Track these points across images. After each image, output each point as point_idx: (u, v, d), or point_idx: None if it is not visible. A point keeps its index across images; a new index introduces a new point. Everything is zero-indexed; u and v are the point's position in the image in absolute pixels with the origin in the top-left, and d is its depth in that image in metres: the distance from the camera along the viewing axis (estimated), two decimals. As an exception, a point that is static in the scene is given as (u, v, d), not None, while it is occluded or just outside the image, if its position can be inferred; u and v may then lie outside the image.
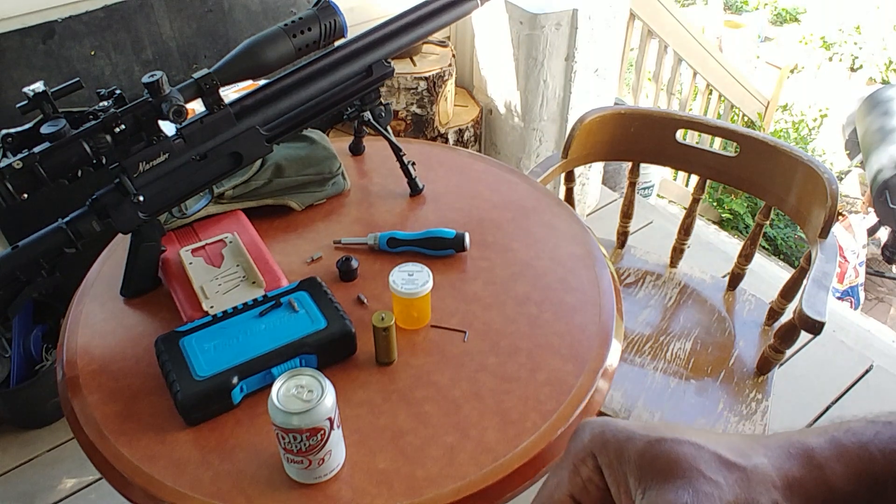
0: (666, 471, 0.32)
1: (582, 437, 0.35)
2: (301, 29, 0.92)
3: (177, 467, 0.77)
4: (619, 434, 0.34)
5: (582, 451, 0.35)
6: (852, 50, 6.13)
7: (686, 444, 0.32)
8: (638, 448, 0.33)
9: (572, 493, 0.35)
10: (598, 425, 0.35)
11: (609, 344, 0.92)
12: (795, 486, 0.33)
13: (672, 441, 0.33)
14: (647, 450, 0.33)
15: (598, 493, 0.34)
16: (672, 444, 0.32)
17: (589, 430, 0.35)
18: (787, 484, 0.33)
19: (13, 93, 1.62)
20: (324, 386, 0.70)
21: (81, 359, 0.91)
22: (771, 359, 1.24)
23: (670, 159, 1.44)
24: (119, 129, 0.84)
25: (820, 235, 1.19)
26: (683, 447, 0.32)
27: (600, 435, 0.34)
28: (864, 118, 4.25)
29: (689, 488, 0.31)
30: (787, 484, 0.33)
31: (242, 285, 0.97)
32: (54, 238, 0.88)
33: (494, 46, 2.19)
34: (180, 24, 1.79)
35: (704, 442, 0.33)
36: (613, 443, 0.34)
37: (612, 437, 0.34)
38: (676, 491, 0.31)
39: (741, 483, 0.32)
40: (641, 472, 0.32)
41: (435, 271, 0.95)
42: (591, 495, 0.35)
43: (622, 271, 1.50)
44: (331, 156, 1.17)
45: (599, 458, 0.34)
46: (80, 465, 1.69)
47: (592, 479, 0.34)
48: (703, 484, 0.31)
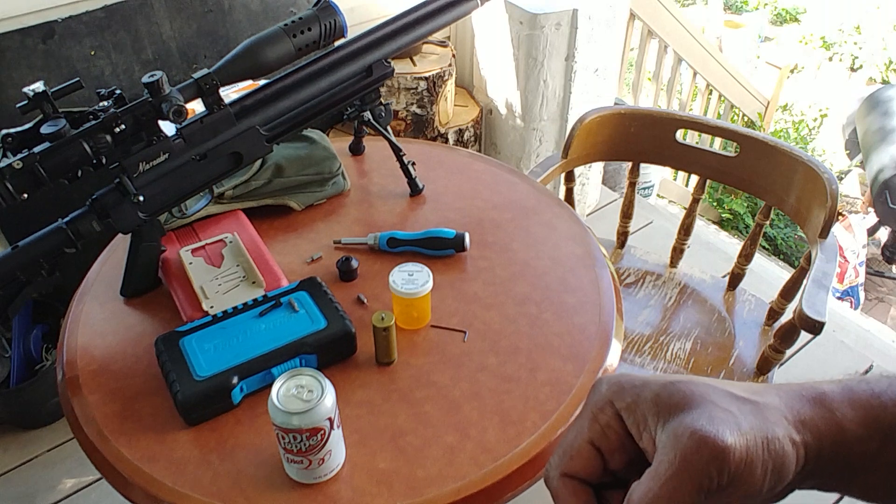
0: (682, 404, 0.33)
1: (599, 389, 0.37)
2: (301, 29, 0.92)
3: (177, 467, 0.77)
4: (634, 381, 0.36)
5: (601, 401, 0.36)
6: (852, 50, 6.13)
7: (698, 384, 0.35)
8: (654, 389, 0.35)
9: (592, 439, 0.36)
10: (614, 377, 0.37)
11: (609, 344, 0.92)
12: (808, 423, 0.34)
13: (685, 382, 0.35)
14: (662, 390, 0.34)
15: (617, 438, 0.36)
16: (685, 384, 0.34)
17: (606, 382, 0.37)
18: (798, 420, 0.34)
19: (13, 93, 1.62)
20: (324, 386, 0.70)
21: (81, 359, 0.91)
22: (771, 359, 1.24)
23: (670, 159, 1.44)
24: (119, 129, 0.84)
25: (820, 235, 1.19)
26: (696, 385, 0.34)
27: (617, 384, 0.36)
28: (864, 118, 4.25)
29: (706, 413, 0.32)
30: (798, 420, 0.34)
31: (242, 285, 0.97)
32: (54, 238, 0.88)
33: (494, 46, 2.19)
34: (180, 24, 1.79)
35: (716, 384, 0.35)
36: (630, 389, 0.36)
37: (628, 384, 0.36)
38: (692, 416, 0.32)
39: (755, 413, 0.33)
40: (659, 408, 0.34)
41: (435, 271, 0.95)
42: (609, 440, 0.36)
43: (622, 271, 1.50)
44: (331, 156, 1.17)
45: (617, 403, 0.36)
46: (80, 465, 1.69)
47: (611, 425, 0.36)
48: (718, 411, 0.33)
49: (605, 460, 0.36)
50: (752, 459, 0.31)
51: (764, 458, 0.31)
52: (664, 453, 0.32)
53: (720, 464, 0.30)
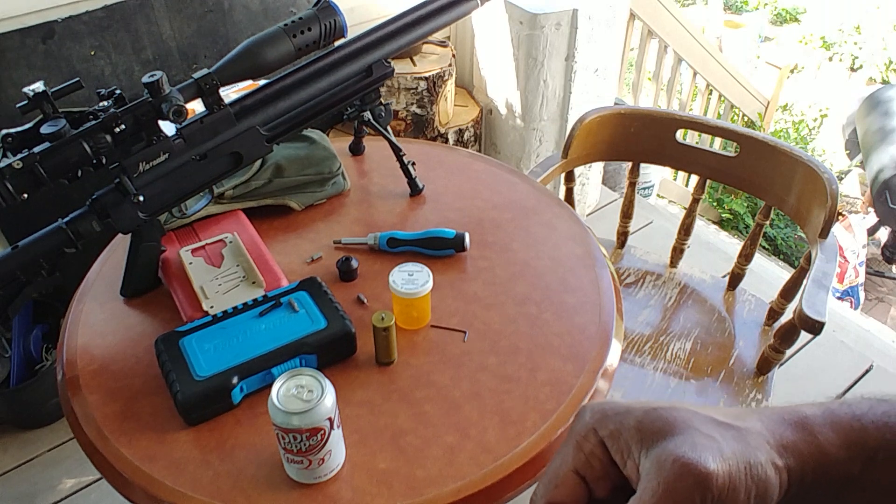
0: (664, 430, 0.33)
1: (583, 417, 0.37)
2: (301, 29, 0.92)
3: (177, 467, 0.77)
4: (617, 408, 0.36)
5: (584, 428, 0.36)
6: (852, 50, 6.13)
7: (680, 410, 0.35)
8: (637, 416, 0.35)
9: (576, 468, 0.36)
10: (597, 405, 0.37)
11: (609, 344, 0.92)
12: (790, 448, 0.34)
13: (667, 408, 0.35)
14: (644, 417, 0.34)
15: (601, 466, 0.36)
16: (667, 410, 0.34)
17: (589, 410, 0.37)
18: (781, 444, 0.34)
19: (13, 93, 1.62)
20: (324, 386, 0.70)
21: (81, 359, 0.91)
22: (771, 359, 1.24)
23: (670, 159, 1.44)
24: (119, 129, 0.84)
25: (820, 235, 1.19)
26: (678, 412, 0.34)
27: (601, 412, 0.36)
28: (865, 118, 4.25)
29: (688, 440, 0.32)
30: (781, 444, 0.34)
31: (242, 285, 0.97)
32: (54, 238, 0.88)
33: (494, 46, 2.19)
34: (180, 24, 1.79)
35: (698, 409, 0.35)
36: (613, 416, 0.36)
37: (611, 412, 0.36)
38: (675, 442, 0.32)
39: (737, 439, 0.33)
40: (642, 435, 0.34)
41: (435, 271, 0.95)
42: (594, 468, 0.36)
43: (622, 271, 1.50)
44: (331, 156, 1.17)
45: (601, 431, 0.36)
46: (80, 465, 1.69)
47: (595, 453, 0.36)
48: (701, 437, 0.33)
49: (589, 489, 0.36)
50: (735, 485, 0.31)
51: (747, 484, 0.31)
52: (648, 481, 0.32)
53: (703, 490, 0.30)
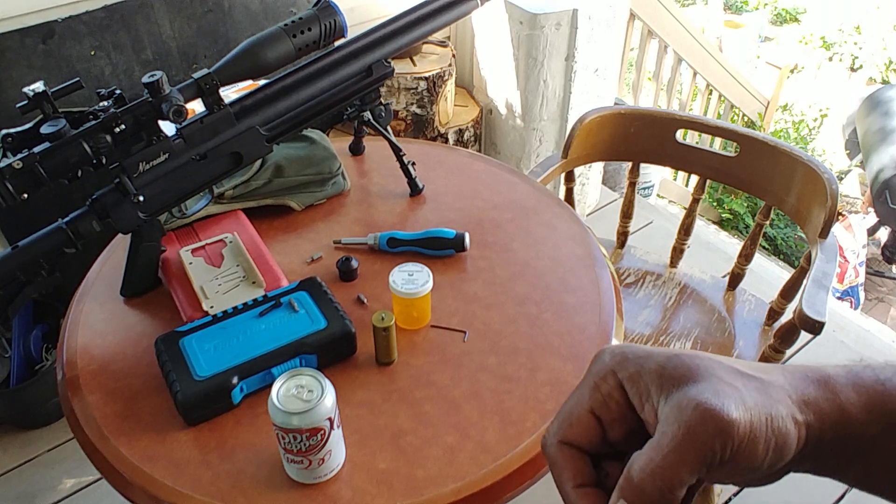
0: (686, 376, 0.33)
1: (602, 358, 0.36)
2: (301, 29, 0.92)
3: (177, 467, 0.77)
4: (638, 351, 0.35)
5: (603, 370, 0.36)
6: (852, 50, 6.13)
7: (703, 358, 0.34)
8: (658, 361, 0.34)
9: (592, 408, 0.36)
10: (617, 347, 0.37)
11: (609, 344, 0.92)
12: (811, 404, 0.33)
13: (690, 355, 0.34)
14: (666, 362, 0.34)
15: (618, 408, 0.35)
16: (690, 357, 0.34)
17: (609, 352, 0.36)
18: (802, 400, 0.33)
19: (13, 93, 1.62)
20: (324, 386, 0.70)
21: (81, 359, 0.91)
22: (771, 359, 1.24)
23: (670, 159, 1.44)
24: (119, 129, 0.84)
25: (820, 235, 1.19)
26: (701, 360, 0.34)
27: (620, 354, 0.36)
28: (865, 118, 4.25)
29: (711, 387, 0.32)
30: (802, 400, 0.33)
31: (242, 285, 0.97)
32: (54, 238, 0.88)
33: (494, 46, 2.19)
34: (180, 24, 1.79)
35: (721, 359, 0.34)
36: (633, 359, 0.35)
37: (632, 355, 0.35)
38: (698, 388, 0.32)
39: (760, 390, 0.33)
40: (663, 379, 0.33)
41: (435, 271, 0.95)
42: (610, 410, 0.35)
43: (622, 271, 1.50)
44: (331, 156, 1.17)
45: (620, 373, 0.35)
46: (80, 465, 1.69)
47: (612, 395, 0.35)
48: (723, 386, 0.32)
49: (604, 430, 0.36)
50: (756, 436, 0.31)
51: (767, 436, 0.31)
52: (667, 425, 0.31)
53: (724, 438, 0.30)
